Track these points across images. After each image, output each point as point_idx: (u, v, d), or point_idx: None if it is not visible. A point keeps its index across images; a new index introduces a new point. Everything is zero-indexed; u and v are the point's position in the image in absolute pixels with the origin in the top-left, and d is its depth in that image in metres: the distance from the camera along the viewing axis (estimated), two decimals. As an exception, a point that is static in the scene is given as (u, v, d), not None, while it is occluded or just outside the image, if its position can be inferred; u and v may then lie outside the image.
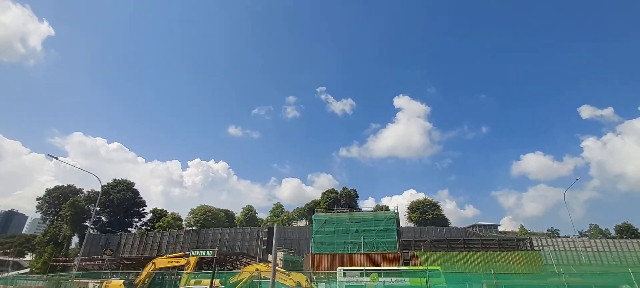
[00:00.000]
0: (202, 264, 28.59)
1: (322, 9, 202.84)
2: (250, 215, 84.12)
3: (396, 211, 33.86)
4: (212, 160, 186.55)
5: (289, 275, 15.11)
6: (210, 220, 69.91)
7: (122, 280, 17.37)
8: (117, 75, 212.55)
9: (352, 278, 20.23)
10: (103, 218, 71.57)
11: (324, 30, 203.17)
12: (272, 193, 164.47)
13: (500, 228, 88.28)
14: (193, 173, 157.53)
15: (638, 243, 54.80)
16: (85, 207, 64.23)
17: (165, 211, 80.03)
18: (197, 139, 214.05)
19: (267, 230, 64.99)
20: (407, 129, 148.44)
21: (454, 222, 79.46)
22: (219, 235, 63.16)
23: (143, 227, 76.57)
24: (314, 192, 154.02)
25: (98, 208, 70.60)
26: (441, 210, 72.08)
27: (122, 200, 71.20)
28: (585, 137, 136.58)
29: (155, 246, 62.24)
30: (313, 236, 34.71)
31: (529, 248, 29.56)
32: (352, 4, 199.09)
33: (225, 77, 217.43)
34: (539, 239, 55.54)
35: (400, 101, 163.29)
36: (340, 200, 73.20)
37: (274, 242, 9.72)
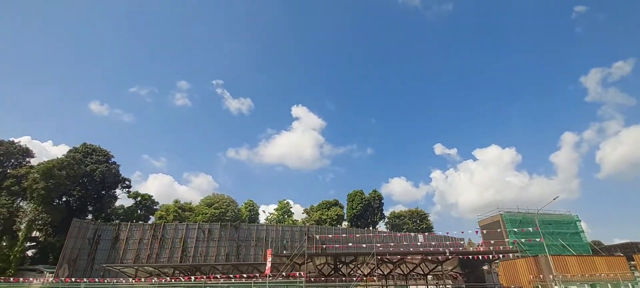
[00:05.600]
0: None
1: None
2: (254, 212, 71.14)
3: (577, 215, 34.81)
4: (50, 141, 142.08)
5: None
6: (236, 212, 55.77)
7: None
8: None
9: None
10: (70, 199, 47.90)
11: (235, 19, 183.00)
12: (133, 189, 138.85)
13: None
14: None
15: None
16: (66, 179, 41.68)
17: (151, 197, 59.77)
18: (35, 109, 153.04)
19: (313, 229, 56.15)
20: (301, 139, 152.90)
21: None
22: (263, 233, 50.88)
23: (114, 217, 54.81)
24: (188, 193, 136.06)
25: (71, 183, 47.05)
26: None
27: (105, 174, 49.47)
28: (435, 169, 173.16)
29: (177, 244, 45.10)
30: (511, 237, 32.16)
31: None
32: (272, 4, 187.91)
33: (101, 39, 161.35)
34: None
35: (298, 111, 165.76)
36: (373, 204, 70.00)
37: None
